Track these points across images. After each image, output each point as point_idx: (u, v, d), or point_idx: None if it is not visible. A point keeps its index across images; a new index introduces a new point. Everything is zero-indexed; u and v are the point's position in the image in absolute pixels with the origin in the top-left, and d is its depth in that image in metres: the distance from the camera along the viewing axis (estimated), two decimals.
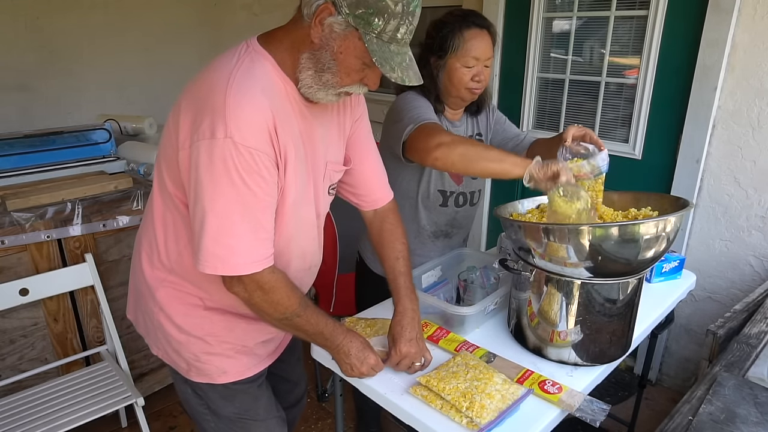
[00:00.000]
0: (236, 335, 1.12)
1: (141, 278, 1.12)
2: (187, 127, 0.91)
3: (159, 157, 1.03)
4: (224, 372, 1.12)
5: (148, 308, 1.12)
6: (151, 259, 1.09)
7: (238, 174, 0.88)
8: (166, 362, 1.16)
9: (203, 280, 1.05)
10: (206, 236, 0.90)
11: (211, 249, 0.91)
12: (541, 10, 2.49)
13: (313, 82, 0.95)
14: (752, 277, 2.07)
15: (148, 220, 1.09)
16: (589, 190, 1.18)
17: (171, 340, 1.10)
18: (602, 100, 2.38)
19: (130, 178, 2.04)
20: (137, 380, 2.10)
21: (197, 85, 0.93)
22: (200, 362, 1.10)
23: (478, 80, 1.42)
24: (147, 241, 1.10)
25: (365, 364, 1.08)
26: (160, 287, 1.08)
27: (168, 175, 0.99)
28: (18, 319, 1.80)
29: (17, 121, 2.60)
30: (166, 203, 1.03)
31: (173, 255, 1.06)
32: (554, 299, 1.13)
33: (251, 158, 0.88)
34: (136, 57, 2.96)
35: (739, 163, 2.02)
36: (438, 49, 1.41)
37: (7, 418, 1.57)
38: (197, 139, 0.88)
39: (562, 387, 1.07)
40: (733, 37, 1.93)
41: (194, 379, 1.12)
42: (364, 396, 1.14)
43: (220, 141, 0.86)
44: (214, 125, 0.86)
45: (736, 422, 1.10)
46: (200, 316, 1.09)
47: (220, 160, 0.87)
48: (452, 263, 1.55)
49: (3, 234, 1.69)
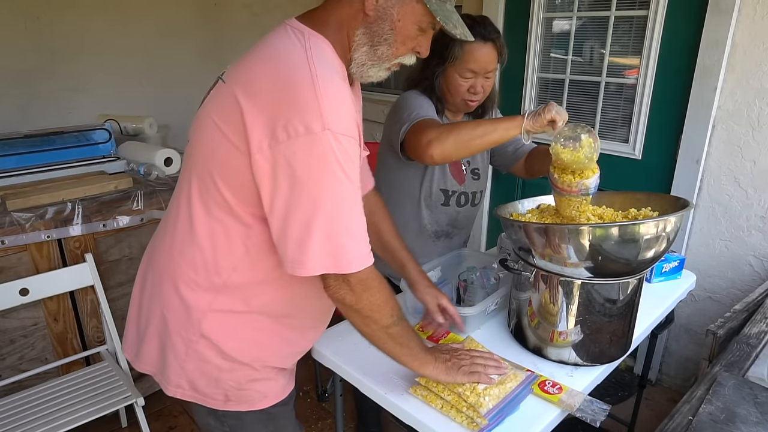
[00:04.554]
0: (282, 355, 1.07)
1: (174, 306, 0.99)
2: (259, 129, 0.82)
3: (200, 166, 0.93)
4: (265, 396, 1.06)
5: (183, 338, 0.99)
6: (194, 281, 0.97)
7: (340, 167, 0.82)
8: (189, 400, 1.04)
9: (261, 293, 0.98)
10: (314, 237, 0.83)
11: (322, 249, 0.84)
12: (541, 10, 2.49)
13: (368, 58, 0.92)
14: (752, 277, 2.07)
15: (185, 239, 0.97)
16: (573, 209, 1.18)
17: (209, 371, 1.00)
18: (602, 100, 2.38)
19: (130, 178, 2.04)
20: (137, 380, 2.09)
21: (260, 80, 0.85)
22: (242, 390, 1.02)
23: (474, 92, 1.41)
24: (186, 262, 0.97)
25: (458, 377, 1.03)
26: (208, 312, 0.97)
27: (224, 183, 0.90)
28: (18, 319, 1.80)
29: (17, 121, 2.59)
30: (215, 215, 0.93)
31: (225, 271, 0.95)
32: (554, 299, 1.13)
33: (350, 147, 0.84)
34: (136, 57, 2.96)
35: (739, 163, 2.02)
36: (438, 55, 1.41)
37: (7, 418, 1.57)
38: (287, 138, 0.80)
39: (562, 387, 1.07)
40: (733, 37, 1.93)
41: (232, 408, 1.04)
42: (364, 396, 1.14)
43: (319, 135, 0.80)
44: (307, 120, 0.80)
45: (736, 422, 1.10)
46: (250, 338, 1.01)
47: (321, 156, 0.81)
48: (452, 263, 1.55)
49: (3, 234, 1.69)
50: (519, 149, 1.60)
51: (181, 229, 0.98)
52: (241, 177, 0.87)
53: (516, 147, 1.61)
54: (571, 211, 1.18)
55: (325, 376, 2.35)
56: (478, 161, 1.60)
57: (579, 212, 1.19)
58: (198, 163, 0.94)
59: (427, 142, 1.21)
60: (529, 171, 1.59)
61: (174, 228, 1.00)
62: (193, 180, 0.95)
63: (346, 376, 1.18)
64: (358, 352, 1.21)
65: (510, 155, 1.62)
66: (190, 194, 0.96)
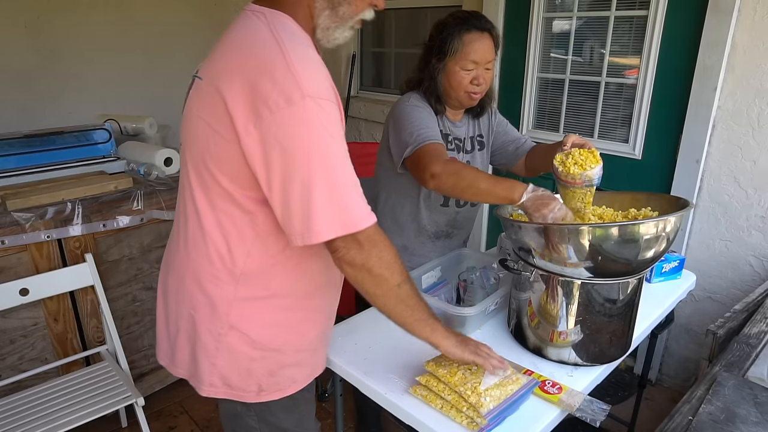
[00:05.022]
0: (309, 337, 1.08)
1: (199, 303, 1.01)
2: (243, 113, 0.84)
3: (196, 164, 0.95)
4: (294, 381, 1.08)
5: (212, 334, 1.01)
6: (213, 274, 0.99)
7: (326, 130, 0.84)
8: (223, 398, 1.06)
9: (278, 274, 1.00)
10: (317, 203, 0.84)
11: (327, 213, 0.85)
12: (541, 10, 2.49)
13: (331, 21, 0.94)
14: (752, 277, 2.07)
15: (197, 237, 0.99)
16: (578, 201, 1.20)
17: (241, 363, 1.02)
18: (602, 100, 2.38)
19: (130, 178, 2.04)
20: (137, 380, 2.10)
21: (234, 67, 0.87)
22: (274, 376, 1.05)
23: (477, 83, 1.42)
24: (203, 258, 0.99)
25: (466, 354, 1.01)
26: (233, 301, 0.99)
27: (222, 173, 0.92)
28: (18, 319, 1.80)
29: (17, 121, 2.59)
30: (219, 207, 0.95)
31: (240, 258, 0.97)
32: (554, 299, 1.13)
33: (332, 111, 0.86)
34: (136, 57, 2.96)
35: (739, 163, 2.02)
36: (438, 51, 1.42)
37: (7, 418, 1.57)
38: (270, 115, 0.82)
39: (562, 387, 1.07)
40: (733, 37, 1.93)
41: (265, 399, 1.06)
42: (364, 396, 1.15)
43: (300, 104, 0.82)
44: (286, 92, 0.81)
45: (736, 422, 1.10)
46: (276, 323, 1.03)
47: (306, 124, 0.82)
48: (452, 264, 1.55)
49: (3, 234, 1.69)
50: (519, 148, 1.61)
51: (192, 228, 1.00)
52: (236, 165, 0.89)
53: (516, 146, 1.61)
54: (576, 203, 1.19)
55: (325, 376, 2.32)
56: (477, 161, 1.60)
57: (584, 203, 1.20)
58: (194, 161, 0.96)
59: (430, 176, 1.26)
60: (529, 169, 1.60)
61: (185, 229, 1.02)
62: (192, 178, 0.97)
63: (346, 376, 1.18)
64: (358, 352, 1.21)
65: (510, 154, 1.62)
66: (192, 193, 0.98)
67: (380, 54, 3.66)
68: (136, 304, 2.07)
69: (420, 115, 1.41)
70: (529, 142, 1.62)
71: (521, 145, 1.61)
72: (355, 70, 3.65)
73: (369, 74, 3.75)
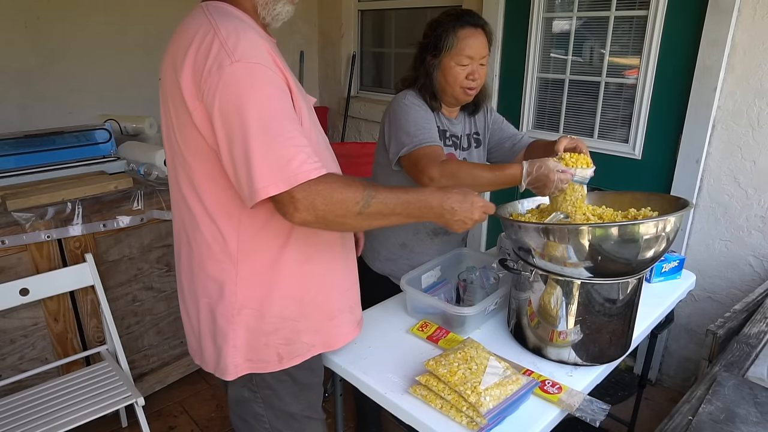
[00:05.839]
0: (317, 301, 1.09)
1: (210, 289, 1.04)
2: (191, 92, 0.89)
3: (174, 153, 1.00)
4: (312, 346, 1.11)
5: (226, 318, 1.04)
6: (214, 257, 1.02)
7: (260, 89, 0.87)
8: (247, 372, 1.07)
9: (271, 243, 1.01)
10: (255, 160, 0.85)
11: (265, 170, 0.85)
12: (541, 10, 2.49)
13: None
14: (752, 277, 2.07)
15: (192, 225, 1.03)
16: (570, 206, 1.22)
17: (258, 339, 1.05)
18: (602, 100, 2.38)
19: (130, 178, 2.04)
20: (137, 380, 2.10)
21: (180, 54, 0.92)
22: (291, 345, 1.07)
23: (473, 79, 1.43)
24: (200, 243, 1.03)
25: (475, 210, 1.04)
26: (237, 280, 1.02)
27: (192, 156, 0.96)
28: (18, 319, 1.80)
29: (17, 121, 2.59)
30: (202, 190, 0.99)
31: (233, 237, 1.00)
32: (554, 299, 1.13)
33: (264, 72, 0.88)
34: (136, 57, 2.96)
35: (739, 163, 2.02)
36: (433, 48, 1.44)
37: (7, 418, 1.57)
38: (206, 83, 0.87)
39: (562, 387, 1.07)
40: (733, 37, 1.93)
41: (287, 365, 1.08)
42: (364, 396, 1.15)
43: (229, 68, 0.85)
44: (218, 60, 0.86)
45: (736, 422, 1.10)
46: (283, 293, 1.04)
47: (235, 84, 0.85)
48: (452, 263, 1.55)
49: (3, 234, 1.69)
50: (516, 144, 1.61)
51: (188, 221, 1.04)
52: (198, 142, 0.93)
53: (513, 143, 1.62)
54: (567, 206, 1.20)
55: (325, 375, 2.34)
56: (474, 158, 1.60)
57: (575, 208, 1.20)
58: (173, 153, 1.01)
59: (428, 179, 1.28)
60: None
61: (182, 220, 1.06)
62: (179, 174, 1.02)
63: (346, 376, 1.18)
64: (358, 352, 1.21)
65: (507, 150, 1.62)
66: (180, 187, 1.02)
67: (380, 54, 3.66)
68: (136, 304, 2.07)
69: (417, 115, 1.42)
70: (526, 139, 1.62)
71: (518, 141, 1.61)
72: (355, 70, 3.65)
73: (369, 74, 3.75)
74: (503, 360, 1.11)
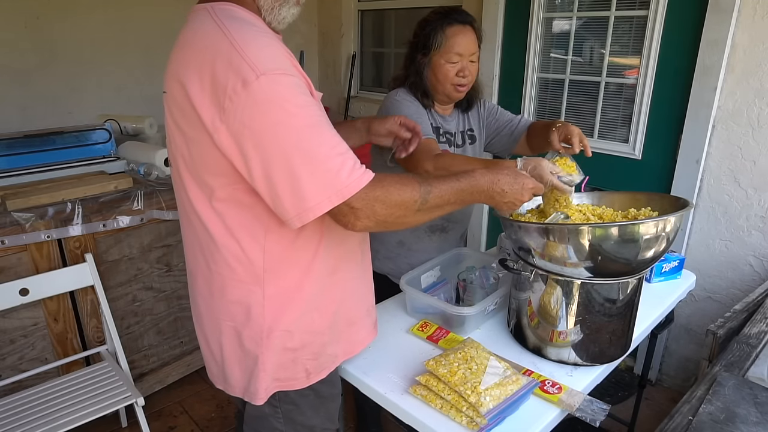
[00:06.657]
0: (341, 312, 1.08)
1: (235, 313, 1.00)
2: (209, 110, 0.83)
3: (189, 173, 0.94)
4: (335, 356, 1.10)
5: (255, 341, 1.00)
6: (238, 279, 0.98)
7: (289, 102, 0.82)
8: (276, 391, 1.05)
9: (299, 260, 0.98)
10: (302, 178, 0.81)
11: (314, 187, 0.82)
12: (541, 10, 2.49)
13: (273, 1, 0.94)
14: (752, 277, 2.07)
15: (211, 246, 0.97)
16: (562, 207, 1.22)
17: (286, 357, 1.02)
18: (602, 100, 2.38)
19: (130, 178, 2.04)
20: (137, 380, 2.10)
21: (190, 65, 0.86)
22: (318, 359, 1.06)
23: (463, 76, 1.44)
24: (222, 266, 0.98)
25: (526, 192, 1.03)
26: (266, 302, 0.98)
27: (211, 175, 0.91)
28: (18, 319, 1.80)
29: (17, 121, 2.59)
30: (222, 210, 0.94)
31: (258, 257, 0.96)
32: (554, 299, 1.13)
33: (290, 82, 0.83)
34: (136, 57, 2.96)
35: (739, 163, 2.02)
36: (423, 47, 1.45)
37: (7, 418, 1.57)
38: (231, 102, 0.81)
39: (562, 387, 1.07)
40: (733, 37, 1.93)
41: (314, 380, 1.06)
42: (364, 396, 1.15)
43: (256, 84, 0.79)
44: (242, 76, 0.80)
45: (736, 422, 1.10)
46: (311, 309, 1.02)
47: (267, 101, 0.80)
48: (451, 263, 1.55)
49: (3, 234, 1.69)
50: (515, 129, 1.61)
51: (205, 242, 0.98)
52: (219, 161, 0.87)
53: (511, 129, 1.62)
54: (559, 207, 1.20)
55: None
56: (468, 155, 1.60)
57: (563, 206, 1.20)
58: (185, 172, 0.95)
59: (423, 173, 1.27)
60: (532, 146, 1.60)
61: (198, 241, 1.00)
62: (189, 189, 0.96)
63: (346, 376, 1.18)
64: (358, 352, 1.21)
65: (507, 137, 1.63)
66: (193, 204, 0.96)
67: (380, 54, 3.66)
68: (136, 304, 2.07)
69: (409, 110, 1.43)
70: (525, 120, 1.62)
71: (516, 125, 1.61)
72: (355, 70, 3.66)
73: (369, 74, 3.75)
74: (503, 360, 1.11)
